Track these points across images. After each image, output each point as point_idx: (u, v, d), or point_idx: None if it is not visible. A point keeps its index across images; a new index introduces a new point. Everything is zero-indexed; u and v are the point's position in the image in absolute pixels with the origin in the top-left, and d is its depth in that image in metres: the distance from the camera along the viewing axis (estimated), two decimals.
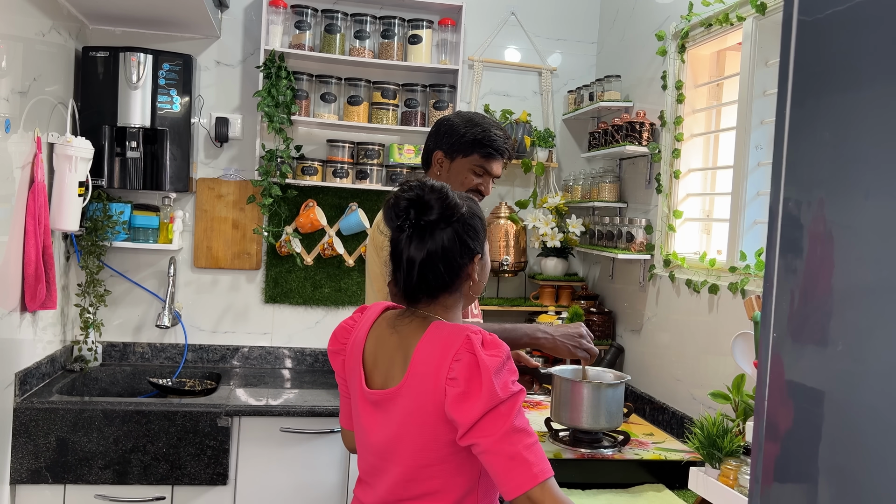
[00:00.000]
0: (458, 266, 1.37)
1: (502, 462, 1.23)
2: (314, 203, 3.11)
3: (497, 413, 1.23)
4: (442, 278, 1.36)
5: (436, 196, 1.35)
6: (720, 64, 2.56)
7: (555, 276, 3.18)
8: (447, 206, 1.35)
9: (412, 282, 1.36)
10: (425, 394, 1.29)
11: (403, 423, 1.32)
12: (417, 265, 1.34)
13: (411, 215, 1.34)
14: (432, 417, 1.29)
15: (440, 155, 1.98)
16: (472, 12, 3.21)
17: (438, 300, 1.39)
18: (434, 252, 1.34)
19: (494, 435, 1.23)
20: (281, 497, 2.60)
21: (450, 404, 1.25)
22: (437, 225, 1.34)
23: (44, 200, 2.42)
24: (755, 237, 2.19)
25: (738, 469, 1.64)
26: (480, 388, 1.23)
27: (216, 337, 3.12)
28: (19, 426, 2.37)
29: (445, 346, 1.29)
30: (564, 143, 3.35)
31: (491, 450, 1.23)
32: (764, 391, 0.81)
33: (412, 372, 1.32)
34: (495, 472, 1.24)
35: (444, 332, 1.33)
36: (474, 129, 1.94)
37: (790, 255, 0.78)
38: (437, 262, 1.34)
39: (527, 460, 1.23)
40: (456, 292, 1.40)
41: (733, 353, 1.82)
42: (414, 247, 1.35)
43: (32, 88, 2.41)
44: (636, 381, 2.74)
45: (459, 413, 1.24)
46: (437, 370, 1.28)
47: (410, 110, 3.11)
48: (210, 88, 3.08)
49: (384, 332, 1.42)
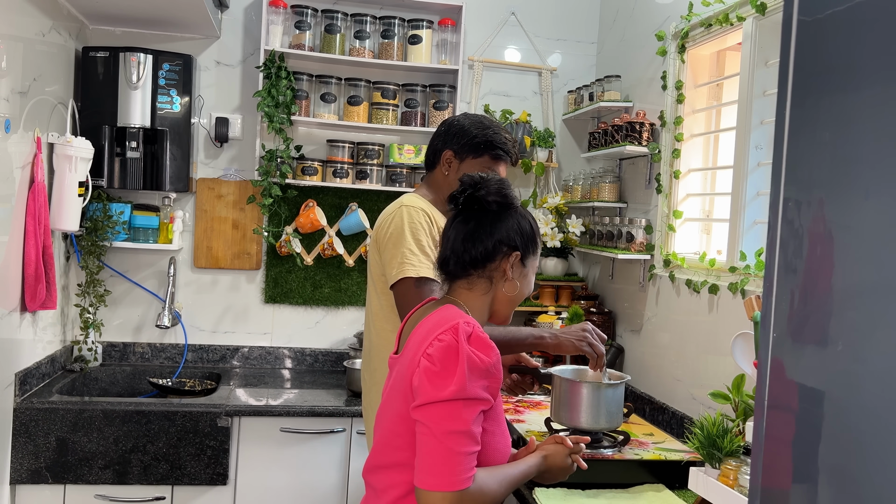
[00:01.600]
0: (494, 249, 1.40)
1: (438, 453, 1.23)
2: (314, 203, 3.11)
3: (454, 407, 1.24)
4: (474, 254, 1.40)
5: (495, 184, 1.43)
6: (720, 64, 2.56)
7: (555, 276, 3.18)
8: (502, 193, 1.42)
9: (447, 251, 1.42)
10: (408, 365, 1.34)
11: (392, 388, 1.39)
12: (455, 237, 1.41)
13: (466, 192, 1.41)
14: (406, 388, 1.32)
15: (450, 154, 2.00)
16: (472, 12, 3.21)
17: (467, 278, 1.42)
18: (476, 229, 1.40)
19: (444, 426, 1.24)
20: (281, 497, 2.60)
21: (418, 375, 1.28)
22: (488, 206, 1.41)
23: (44, 200, 2.42)
24: (755, 237, 2.19)
25: (738, 469, 1.64)
26: (453, 375, 1.25)
27: (216, 337, 3.12)
28: (19, 426, 2.37)
29: (437, 325, 1.32)
30: (564, 144, 3.35)
31: (435, 436, 1.24)
32: (764, 391, 0.81)
33: (407, 344, 1.39)
34: (424, 457, 1.25)
35: (444, 313, 1.36)
36: (485, 131, 2.00)
37: (790, 255, 0.78)
38: (475, 238, 1.40)
39: (460, 464, 1.24)
40: (485, 277, 1.42)
41: (733, 353, 1.82)
42: (460, 221, 1.42)
43: (32, 88, 2.41)
44: (636, 381, 2.74)
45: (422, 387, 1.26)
46: (420, 344, 1.32)
47: (410, 110, 3.11)
48: (210, 88, 3.08)
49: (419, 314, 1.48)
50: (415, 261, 1.83)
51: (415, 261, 1.83)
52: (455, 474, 1.23)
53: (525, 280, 1.47)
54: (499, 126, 2.04)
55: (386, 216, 1.97)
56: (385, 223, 1.94)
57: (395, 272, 1.85)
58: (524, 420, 2.33)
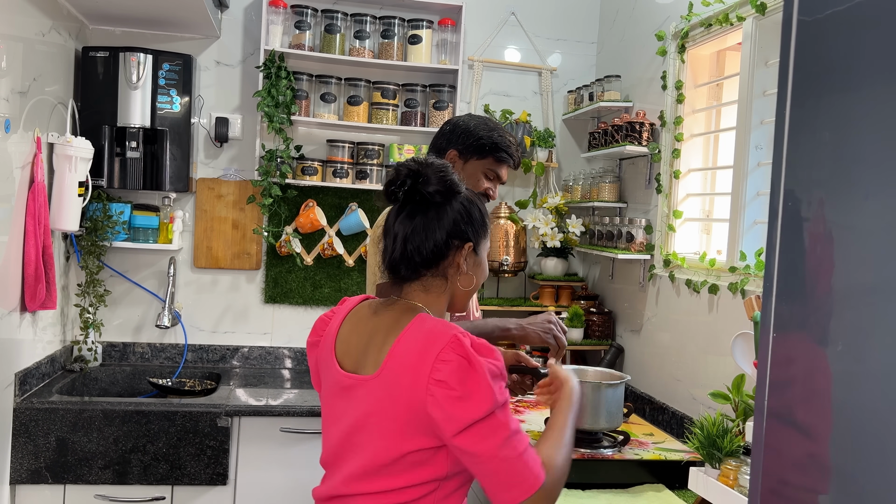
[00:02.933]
0: (445, 245, 1.32)
1: (502, 468, 1.20)
2: (314, 203, 3.11)
3: (495, 418, 1.20)
4: (424, 254, 1.31)
5: (435, 170, 1.32)
6: (720, 64, 2.56)
7: (555, 276, 3.18)
8: (445, 183, 1.32)
9: (395, 253, 1.33)
10: (400, 389, 1.24)
11: (370, 412, 1.27)
12: (402, 237, 1.32)
13: (407, 184, 1.31)
14: (403, 415, 1.24)
15: (454, 154, 2.02)
16: (472, 12, 3.21)
17: (420, 279, 1.35)
18: (422, 226, 1.31)
19: (495, 440, 1.20)
20: (281, 497, 2.60)
21: (440, 405, 1.20)
22: (431, 198, 1.31)
23: (44, 200, 2.42)
24: (755, 237, 2.19)
25: (738, 469, 1.64)
26: (479, 391, 1.20)
27: (216, 337, 3.12)
28: (19, 426, 2.37)
29: (428, 343, 1.24)
30: (564, 143, 3.35)
31: (492, 455, 1.20)
32: (764, 391, 0.81)
33: (389, 364, 1.26)
34: (491, 477, 1.21)
35: (428, 327, 1.27)
36: (491, 133, 2.00)
37: (790, 255, 0.78)
38: (423, 237, 1.31)
39: (527, 465, 1.21)
40: (439, 276, 1.35)
41: (733, 353, 1.82)
42: (403, 218, 1.33)
43: (32, 88, 2.41)
44: (636, 381, 2.74)
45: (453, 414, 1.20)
46: (416, 367, 1.23)
47: (410, 110, 3.11)
48: (210, 88, 3.08)
49: (363, 316, 1.38)
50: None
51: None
52: (527, 477, 1.20)
53: (480, 268, 1.40)
54: (503, 129, 2.05)
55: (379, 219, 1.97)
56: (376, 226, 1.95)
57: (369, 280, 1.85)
58: (524, 420, 2.33)
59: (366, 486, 1.28)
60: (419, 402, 1.22)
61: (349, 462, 1.31)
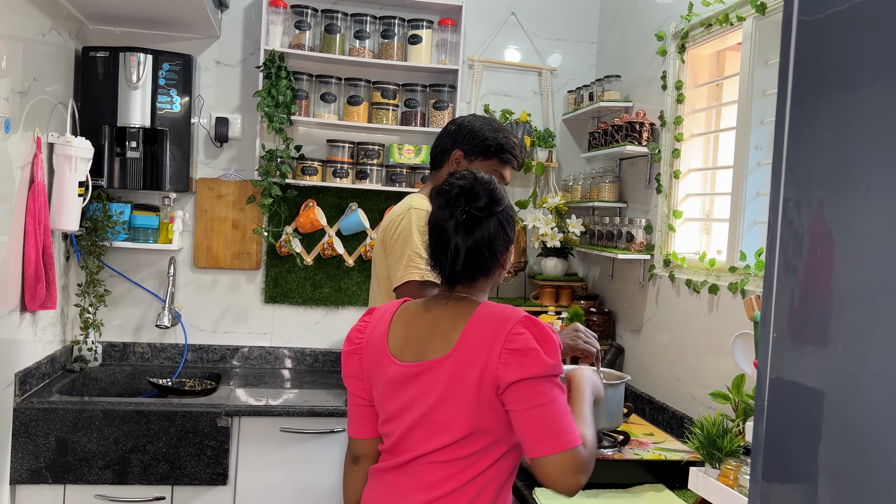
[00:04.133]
0: (499, 254, 1.47)
1: (549, 421, 1.32)
2: (314, 203, 3.11)
3: (552, 381, 1.34)
4: (485, 265, 1.46)
5: (485, 187, 1.44)
6: (720, 64, 2.56)
7: (555, 276, 3.18)
8: (494, 198, 1.44)
9: (457, 267, 1.44)
10: (475, 363, 1.36)
11: (447, 389, 1.39)
12: (464, 252, 1.43)
13: (462, 203, 1.42)
14: (475, 388, 1.36)
15: (459, 154, 2.03)
16: (472, 12, 3.21)
17: (476, 284, 1.48)
18: (481, 240, 1.43)
19: (548, 396, 1.33)
20: (281, 497, 2.60)
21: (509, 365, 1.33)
22: (484, 214, 1.42)
23: (44, 200, 2.42)
24: (755, 237, 2.19)
25: (738, 469, 1.64)
26: (550, 352, 1.34)
27: (216, 337, 3.12)
28: (19, 426, 2.37)
29: (502, 321, 1.38)
30: (564, 143, 3.35)
31: (543, 406, 1.32)
32: (764, 391, 0.81)
33: (462, 344, 1.39)
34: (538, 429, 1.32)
35: (498, 309, 1.42)
36: (497, 134, 2.04)
37: (790, 255, 0.78)
38: (483, 250, 1.44)
39: (570, 423, 1.34)
40: (491, 278, 1.50)
41: (733, 353, 1.82)
42: (462, 234, 1.43)
43: (32, 88, 2.41)
44: (636, 381, 2.74)
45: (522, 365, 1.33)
46: (491, 342, 1.36)
47: (410, 110, 3.11)
48: (210, 88, 3.08)
49: (416, 314, 1.49)
50: (421, 264, 1.86)
51: (421, 264, 1.86)
52: (568, 434, 1.32)
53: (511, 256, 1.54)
54: (507, 129, 2.08)
55: (394, 217, 1.98)
56: (393, 225, 1.96)
57: (400, 274, 1.87)
58: None
59: (443, 455, 1.40)
60: (492, 371, 1.35)
61: (428, 440, 1.41)
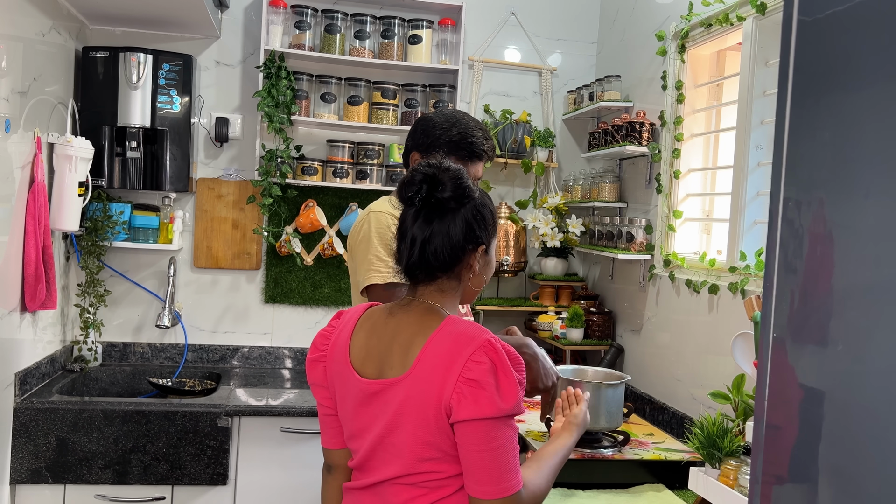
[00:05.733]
0: (461, 250, 1.35)
1: (490, 464, 1.26)
2: (314, 203, 3.11)
3: (505, 422, 1.26)
4: (442, 259, 1.35)
5: (450, 176, 1.35)
6: (720, 64, 2.56)
7: (555, 276, 3.18)
8: (460, 188, 1.34)
9: (413, 258, 1.35)
10: (431, 388, 1.28)
11: (401, 413, 1.31)
12: (420, 242, 1.34)
13: (423, 190, 1.33)
14: (433, 413, 1.27)
15: (416, 156, 1.92)
16: (472, 12, 3.21)
17: (436, 282, 1.38)
18: (439, 231, 1.34)
19: (498, 441, 1.25)
20: (281, 497, 2.60)
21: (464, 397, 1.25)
22: (446, 204, 1.34)
23: (44, 200, 2.42)
24: (755, 237, 2.19)
25: (738, 469, 1.64)
26: (508, 393, 1.25)
27: (216, 337, 3.12)
28: (19, 426, 2.37)
29: (461, 345, 1.28)
30: (564, 143, 3.35)
31: (487, 449, 1.25)
32: (764, 391, 0.81)
33: (420, 364, 1.30)
34: (477, 468, 1.26)
35: (461, 329, 1.31)
36: (451, 130, 1.87)
37: (790, 255, 0.78)
38: (440, 242, 1.34)
39: (509, 470, 1.27)
40: (454, 278, 1.38)
41: (733, 353, 1.82)
42: (420, 223, 1.35)
43: (32, 88, 2.41)
44: (636, 381, 2.74)
45: (474, 403, 1.24)
46: (448, 367, 1.26)
47: (410, 110, 3.11)
48: (210, 88, 3.08)
49: (378, 321, 1.40)
50: (381, 266, 1.80)
51: (381, 266, 1.80)
52: (511, 479, 1.27)
53: (489, 267, 1.43)
54: (470, 122, 1.90)
55: (357, 222, 1.93)
56: (356, 230, 1.90)
57: (361, 279, 1.82)
58: (524, 420, 2.33)
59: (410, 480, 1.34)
60: (447, 399, 1.26)
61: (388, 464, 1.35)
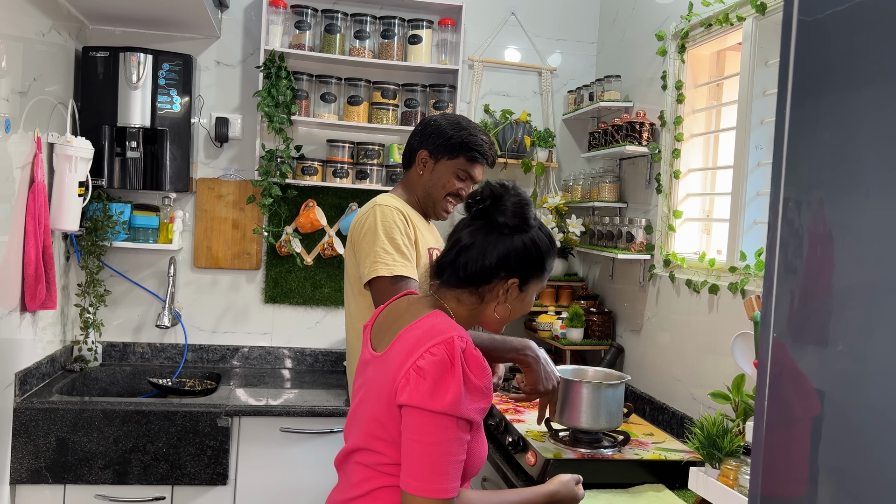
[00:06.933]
0: (491, 273, 1.35)
1: (424, 459, 1.23)
2: (314, 203, 3.11)
3: (446, 420, 1.23)
4: (470, 272, 1.35)
5: (514, 202, 1.37)
6: (720, 64, 2.56)
7: (555, 276, 3.18)
8: (518, 217, 1.36)
9: (447, 257, 1.39)
10: (392, 370, 1.29)
11: (370, 387, 1.34)
12: (459, 247, 1.37)
13: (485, 203, 1.37)
14: (387, 390, 1.28)
15: (425, 154, 2.01)
16: (472, 12, 3.21)
17: (456, 290, 1.38)
18: (480, 245, 1.35)
19: (432, 437, 1.22)
20: (281, 497, 2.60)
21: (407, 387, 1.24)
22: (498, 225, 1.36)
23: (44, 200, 2.42)
24: (755, 237, 2.19)
25: (738, 469, 1.64)
26: (447, 392, 1.22)
27: (216, 337, 3.12)
28: (19, 426, 2.37)
29: (426, 334, 1.28)
30: (564, 143, 3.35)
31: (423, 444, 1.23)
32: (764, 391, 0.81)
33: (393, 346, 1.33)
34: (411, 461, 1.24)
35: (435, 321, 1.31)
36: (462, 132, 1.99)
37: (790, 255, 0.78)
38: (475, 256, 1.35)
39: (446, 473, 1.23)
40: (476, 295, 1.38)
41: (733, 353, 1.82)
42: (469, 231, 1.38)
43: (32, 88, 2.41)
44: (636, 381, 2.74)
45: (412, 397, 1.23)
46: (410, 352, 1.27)
47: (410, 110, 3.11)
48: (210, 88, 3.08)
49: (399, 306, 1.44)
50: (388, 259, 1.82)
51: (388, 259, 1.82)
52: (440, 482, 1.23)
53: (522, 303, 1.41)
54: (476, 128, 2.03)
55: (360, 216, 1.96)
56: (359, 223, 1.94)
57: (367, 270, 1.83)
58: (524, 420, 2.33)
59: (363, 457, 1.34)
60: (397, 382, 1.26)
61: (354, 434, 1.37)
